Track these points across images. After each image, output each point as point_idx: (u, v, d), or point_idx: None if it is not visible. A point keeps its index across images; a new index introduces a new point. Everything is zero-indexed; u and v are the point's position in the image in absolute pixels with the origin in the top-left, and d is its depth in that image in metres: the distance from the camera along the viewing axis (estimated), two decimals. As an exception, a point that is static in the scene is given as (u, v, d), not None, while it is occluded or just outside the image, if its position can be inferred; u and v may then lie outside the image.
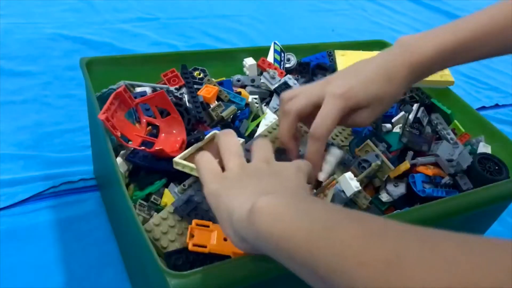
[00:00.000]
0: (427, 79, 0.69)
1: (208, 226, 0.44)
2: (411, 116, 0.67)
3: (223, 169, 0.42)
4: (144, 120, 0.56)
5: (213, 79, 0.65)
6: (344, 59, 0.75)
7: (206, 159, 0.42)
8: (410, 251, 0.27)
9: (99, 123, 0.50)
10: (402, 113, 0.67)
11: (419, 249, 0.27)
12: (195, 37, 1.18)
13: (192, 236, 0.43)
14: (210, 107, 0.59)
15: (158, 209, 0.49)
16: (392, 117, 0.67)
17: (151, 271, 0.43)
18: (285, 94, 0.52)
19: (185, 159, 0.50)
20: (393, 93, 0.51)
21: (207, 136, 0.54)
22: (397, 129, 0.66)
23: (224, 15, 1.32)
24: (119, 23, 1.17)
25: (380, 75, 0.51)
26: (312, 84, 0.53)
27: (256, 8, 1.41)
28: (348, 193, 0.52)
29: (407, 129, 0.62)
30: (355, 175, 0.53)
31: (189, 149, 0.52)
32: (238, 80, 0.68)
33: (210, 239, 0.43)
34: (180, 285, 0.36)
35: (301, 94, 0.51)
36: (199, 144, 0.53)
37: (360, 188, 0.52)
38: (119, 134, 0.50)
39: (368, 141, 0.57)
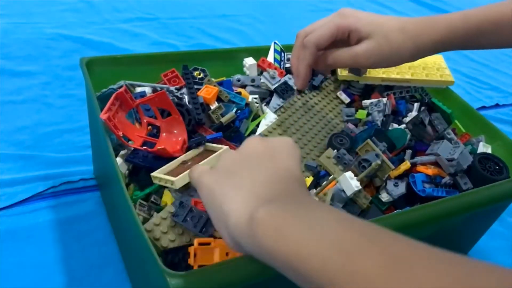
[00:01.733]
0: (427, 78, 0.70)
1: (209, 244, 0.43)
2: (413, 114, 0.67)
3: None
4: (145, 121, 0.56)
5: (213, 79, 0.65)
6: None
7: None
8: (443, 282, 0.24)
9: (100, 123, 0.50)
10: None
11: (453, 280, 0.24)
12: (195, 37, 1.18)
13: (195, 256, 0.43)
14: (210, 108, 0.59)
15: (158, 209, 0.49)
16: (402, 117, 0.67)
17: (151, 271, 0.43)
18: (301, 31, 0.55)
19: (167, 173, 0.50)
20: (401, 38, 0.49)
21: (192, 151, 0.53)
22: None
23: (224, 15, 1.32)
24: (119, 23, 1.17)
25: (391, 18, 0.50)
26: (326, 17, 0.54)
27: (256, 8, 1.41)
28: (348, 192, 0.52)
29: (411, 123, 0.63)
30: (355, 175, 0.53)
31: (171, 162, 0.51)
32: (238, 80, 0.68)
33: (213, 256, 0.43)
34: (180, 285, 0.36)
35: (317, 28, 0.53)
36: (182, 157, 0.52)
37: (360, 187, 0.52)
38: (121, 134, 0.50)
39: (368, 140, 0.57)
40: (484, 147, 0.64)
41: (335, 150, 0.58)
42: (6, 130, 0.79)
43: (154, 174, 0.49)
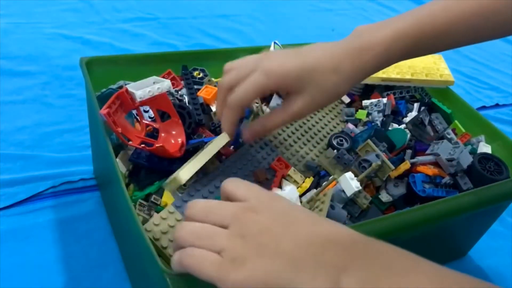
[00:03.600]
0: (427, 78, 0.70)
1: None
2: (413, 114, 0.67)
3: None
4: (144, 122, 0.56)
5: (213, 79, 0.65)
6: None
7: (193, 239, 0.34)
8: None
9: (100, 122, 0.50)
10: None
11: None
12: (195, 37, 1.18)
13: None
14: (211, 109, 0.59)
15: (158, 209, 0.49)
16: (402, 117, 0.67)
17: (151, 271, 0.43)
18: (224, 81, 0.49)
19: None
20: (335, 80, 0.46)
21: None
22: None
23: (224, 15, 1.32)
24: (119, 23, 1.17)
25: (323, 57, 0.46)
26: (249, 58, 0.49)
27: (256, 8, 1.41)
28: (348, 193, 0.52)
29: (411, 123, 0.63)
30: (356, 175, 0.53)
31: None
32: (238, 80, 0.68)
33: None
34: (180, 285, 0.36)
35: (241, 83, 0.47)
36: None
37: (360, 188, 0.52)
38: (120, 130, 0.50)
39: (369, 141, 0.57)
40: (484, 147, 0.64)
41: (335, 150, 0.58)
42: (6, 130, 0.79)
43: (164, 184, 0.50)
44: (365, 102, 0.68)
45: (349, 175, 0.52)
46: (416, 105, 0.70)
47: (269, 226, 0.32)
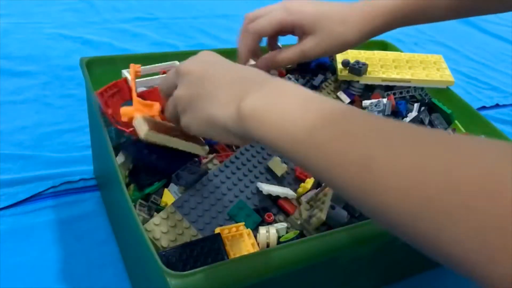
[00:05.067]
0: (427, 78, 0.70)
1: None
2: (413, 114, 0.67)
3: None
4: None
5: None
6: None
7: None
8: (384, 152, 0.28)
9: (100, 122, 0.50)
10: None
11: (395, 149, 0.28)
12: (195, 37, 1.18)
13: None
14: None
15: (158, 209, 0.49)
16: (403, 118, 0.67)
17: (151, 271, 0.43)
18: (249, 14, 0.58)
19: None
20: (343, 29, 0.54)
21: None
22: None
23: (224, 15, 1.32)
24: (119, 23, 1.17)
25: (336, 10, 0.54)
26: (274, 4, 0.57)
27: (256, 8, 1.41)
28: (348, 193, 0.52)
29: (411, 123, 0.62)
30: (355, 175, 0.53)
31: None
32: (238, 80, 0.68)
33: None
34: (180, 285, 0.36)
35: (263, 15, 0.56)
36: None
37: (360, 188, 0.52)
38: (110, 111, 0.50)
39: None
40: (484, 147, 0.64)
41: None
42: (6, 130, 0.79)
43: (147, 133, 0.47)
44: (365, 103, 0.67)
45: (349, 175, 0.52)
46: (416, 105, 0.70)
47: (201, 75, 0.42)
